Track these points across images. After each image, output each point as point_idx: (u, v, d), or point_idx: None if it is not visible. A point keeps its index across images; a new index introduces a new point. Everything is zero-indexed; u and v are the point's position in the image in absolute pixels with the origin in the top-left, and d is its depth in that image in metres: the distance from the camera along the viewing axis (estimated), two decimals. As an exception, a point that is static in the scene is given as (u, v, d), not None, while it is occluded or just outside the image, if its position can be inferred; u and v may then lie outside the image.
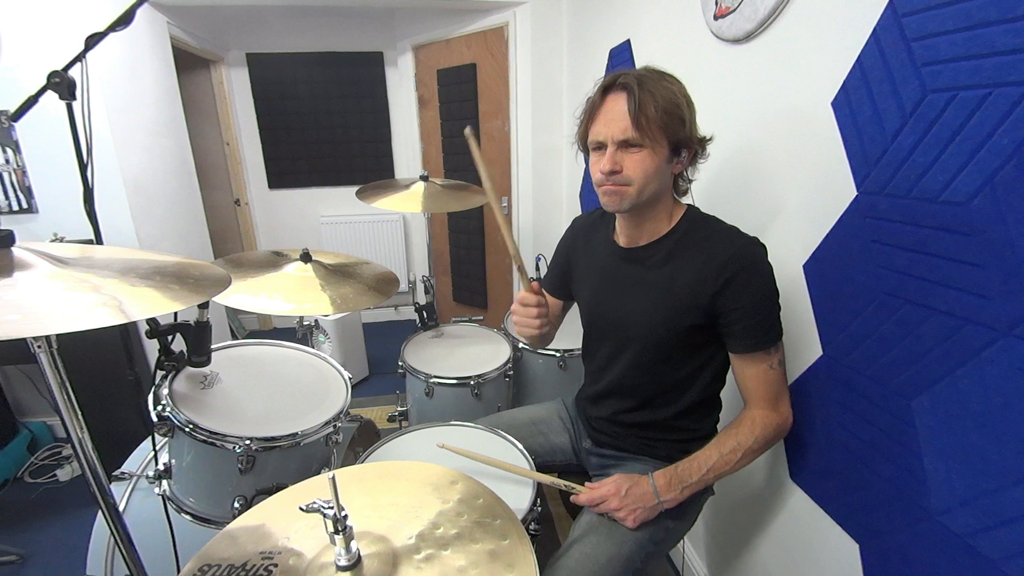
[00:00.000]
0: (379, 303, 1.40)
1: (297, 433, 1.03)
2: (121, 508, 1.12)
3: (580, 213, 2.39)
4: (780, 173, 1.05)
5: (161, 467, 1.07)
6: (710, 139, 0.94)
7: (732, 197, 1.21)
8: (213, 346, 1.03)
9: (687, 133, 0.89)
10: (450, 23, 2.80)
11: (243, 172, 3.38)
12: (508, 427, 1.18)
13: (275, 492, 0.77)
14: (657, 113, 0.85)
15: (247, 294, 1.26)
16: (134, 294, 0.63)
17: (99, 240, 0.99)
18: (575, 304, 1.32)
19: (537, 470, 1.03)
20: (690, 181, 1.00)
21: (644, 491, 0.94)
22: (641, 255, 1.00)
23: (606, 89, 0.90)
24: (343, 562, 0.60)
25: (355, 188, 1.97)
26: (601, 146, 0.91)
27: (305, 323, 1.67)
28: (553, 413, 1.27)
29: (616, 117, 0.87)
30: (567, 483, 0.99)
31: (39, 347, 0.64)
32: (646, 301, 0.98)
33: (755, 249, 0.90)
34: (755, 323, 0.89)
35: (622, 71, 0.90)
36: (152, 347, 2.13)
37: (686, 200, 1.02)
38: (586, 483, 1.00)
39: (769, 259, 0.90)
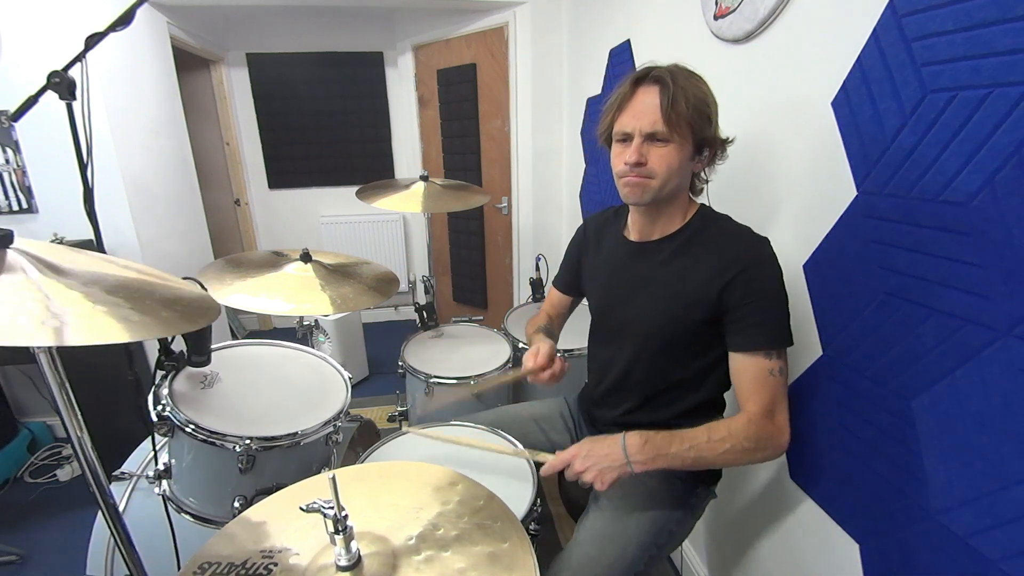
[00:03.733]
0: (379, 303, 1.39)
1: (297, 433, 1.03)
2: (121, 508, 1.12)
3: (579, 214, 2.41)
4: (780, 173, 1.05)
5: (161, 467, 1.06)
6: (731, 141, 0.94)
7: (732, 197, 1.21)
8: (213, 346, 1.03)
9: (712, 132, 0.90)
10: (450, 23, 2.80)
11: (243, 172, 3.37)
12: (510, 423, 1.18)
13: (275, 492, 0.77)
14: (688, 109, 0.85)
15: (247, 294, 1.25)
16: (117, 318, 0.60)
17: (99, 240, 0.99)
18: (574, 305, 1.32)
19: (537, 468, 1.02)
20: (706, 181, 1.00)
21: (610, 450, 0.88)
22: (651, 249, 1.00)
23: (637, 81, 0.89)
24: (343, 562, 0.60)
25: (355, 188, 1.97)
26: (627, 137, 0.91)
27: (305, 323, 1.67)
28: (555, 411, 1.27)
29: (646, 110, 0.87)
30: (533, 452, 0.96)
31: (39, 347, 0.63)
32: (654, 296, 0.97)
33: (766, 248, 0.90)
34: (759, 321, 0.88)
35: (654, 65, 0.89)
36: (152, 347, 2.12)
37: (701, 200, 1.02)
38: (556, 452, 0.94)
39: (779, 263, 0.90)
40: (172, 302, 0.70)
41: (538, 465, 0.96)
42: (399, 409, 1.74)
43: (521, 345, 1.68)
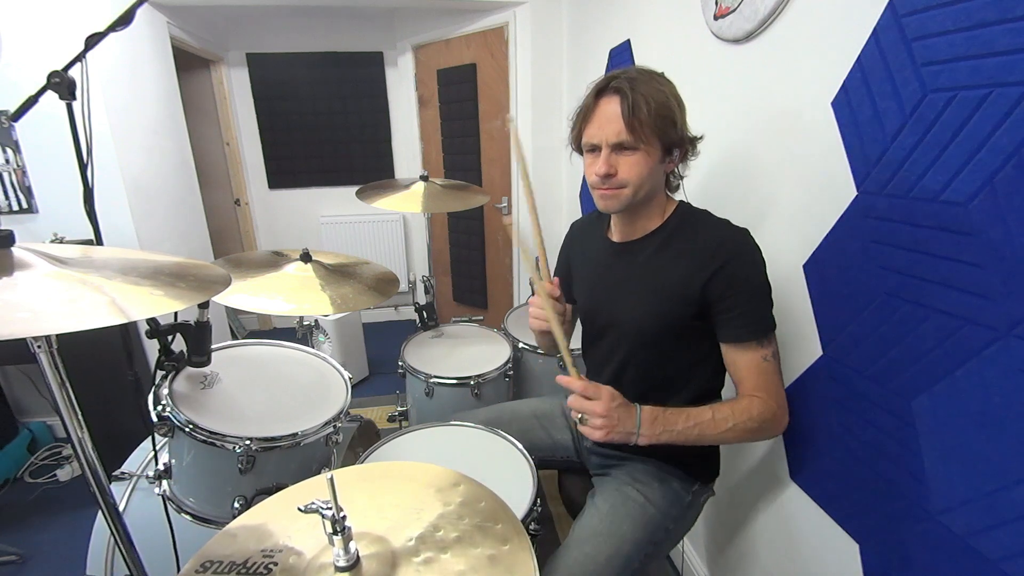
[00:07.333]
0: (379, 303, 1.39)
1: (297, 433, 1.03)
2: (121, 508, 1.12)
3: (580, 214, 2.41)
4: (780, 173, 1.05)
5: (161, 467, 1.06)
6: (700, 138, 0.96)
7: (732, 197, 1.21)
8: (213, 346, 1.03)
9: (679, 134, 0.91)
10: (450, 23, 2.80)
11: (243, 172, 3.37)
12: (511, 419, 1.19)
13: (275, 492, 0.77)
14: (650, 116, 0.86)
15: (247, 294, 1.26)
16: (134, 294, 0.63)
17: (99, 240, 0.99)
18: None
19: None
20: (681, 178, 1.02)
21: (628, 414, 0.87)
22: (633, 249, 1.02)
23: (599, 92, 0.92)
24: (341, 563, 0.60)
25: (355, 188, 1.97)
26: (595, 148, 0.93)
27: (305, 323, 1.67)
28: (556, 408, 1.27)
29: (610, 120, 0.89)
30: (569, 358, 0.90)
31: (39, 347, 0.64)
32: (638, 295, 0.99)
33: (745, 238, 0.91)
34: (745, 311, 0.89)
35: (615, 73, 0.91)
36: (152, 347, 2.12)
37: (679, 196, 1.04)
38: (582, 376, 0.91)
39: (762, 253, 0.91)
40: (200, 277, 0.74)
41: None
42: (399, 409, 1.74)
43: (521, 345, 1.68)
